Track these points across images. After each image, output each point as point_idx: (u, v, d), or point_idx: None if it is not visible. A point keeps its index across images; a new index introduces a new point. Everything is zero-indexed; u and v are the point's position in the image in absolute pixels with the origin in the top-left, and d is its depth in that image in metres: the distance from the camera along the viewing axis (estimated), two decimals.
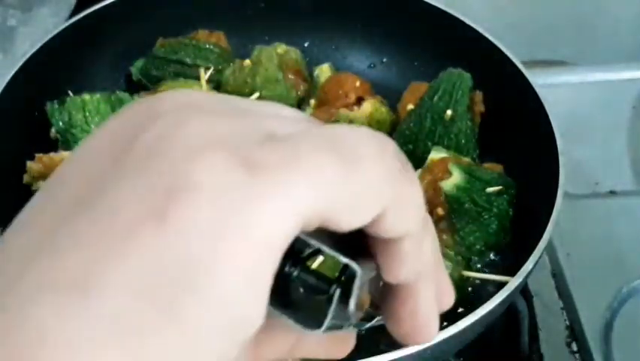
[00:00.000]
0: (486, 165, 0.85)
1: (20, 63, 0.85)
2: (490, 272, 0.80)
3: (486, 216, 0.80)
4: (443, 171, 0.83)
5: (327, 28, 1.01)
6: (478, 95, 0.89)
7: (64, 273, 0.22)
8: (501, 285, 0.69)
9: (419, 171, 0.85)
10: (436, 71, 0.89)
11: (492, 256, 0.82)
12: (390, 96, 0.94)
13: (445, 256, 0.79)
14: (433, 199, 0.82)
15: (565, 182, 0.76)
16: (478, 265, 0.81)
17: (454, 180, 0.82)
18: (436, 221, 0.81)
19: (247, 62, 0.93)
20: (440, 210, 0.81)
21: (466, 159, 0.85)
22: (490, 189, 0.80)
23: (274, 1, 1.01)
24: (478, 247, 0.80)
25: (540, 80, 0.86)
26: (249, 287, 0.23)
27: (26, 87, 0.85)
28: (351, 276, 0.27)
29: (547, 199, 0.75)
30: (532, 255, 0.71)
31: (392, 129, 0.91)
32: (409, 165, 0.28)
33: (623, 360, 0.83)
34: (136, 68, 0.97)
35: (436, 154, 0.85)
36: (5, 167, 0.81)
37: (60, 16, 1.08)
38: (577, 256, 0.93)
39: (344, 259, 0.27)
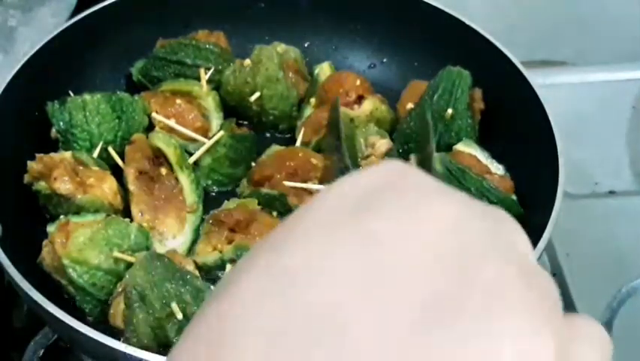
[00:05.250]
0: (499, 178, 0.83)
1: (21, 63, 0.85)
2: None
3: None
4: (458, 161, 0.82)
5: (327, 28, 1.02)
6: (478, 93, 0.89)
7: None
8: None
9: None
10: (436, 71, 0.89)
11: None
12: (391, 96, 0.94)
13: None
14: None
15: (565, 182, 0.76)
16: None
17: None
18: None
19: (247, 61, 0.93)
20: None
21: (480, 163, 0.83)
22: None
23: (274, 1, 1.01)
24: None
25: (540, 80, 0.87)
26: None
27: (27, 87, 0.85)
28: None
29: (547, 199, 0.75)
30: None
31: (392, 128, 0.91)
32: None
33: (622, 360, 0.83)
34: (136, 69, 0.97)
35: (463, 146, 0.85)
36: (5, 167, 0.81)
37: (60, 16, 1.08)
38: (577, 256, 0.93)
39: None
